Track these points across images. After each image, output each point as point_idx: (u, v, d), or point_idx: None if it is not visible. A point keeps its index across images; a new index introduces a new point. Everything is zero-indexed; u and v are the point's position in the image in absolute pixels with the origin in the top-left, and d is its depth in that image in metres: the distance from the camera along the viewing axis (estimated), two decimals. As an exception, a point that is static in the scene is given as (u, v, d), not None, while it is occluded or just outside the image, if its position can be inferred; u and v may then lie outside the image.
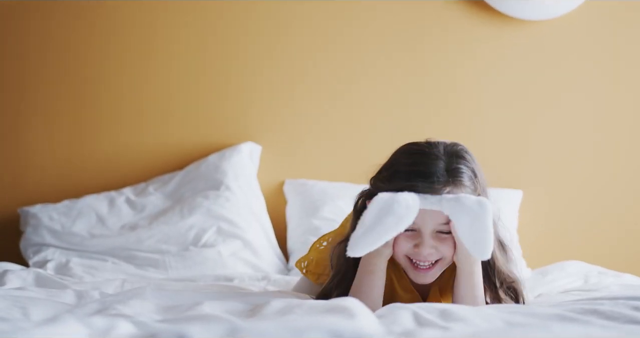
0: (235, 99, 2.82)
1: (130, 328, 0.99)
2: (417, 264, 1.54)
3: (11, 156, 2.80)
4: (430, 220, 1.51)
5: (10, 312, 1.29)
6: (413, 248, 1.53)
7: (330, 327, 0.91)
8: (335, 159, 2.83)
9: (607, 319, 1.20)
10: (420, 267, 1.54)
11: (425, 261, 1.54)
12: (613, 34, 2.83)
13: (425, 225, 1.52)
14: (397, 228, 1.47)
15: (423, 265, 1.54)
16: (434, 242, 1.52)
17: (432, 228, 1.52)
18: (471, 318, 1.19)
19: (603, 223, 2.83)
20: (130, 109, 2.82)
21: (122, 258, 2.46)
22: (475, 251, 1.47)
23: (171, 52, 2.82)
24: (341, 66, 2.82)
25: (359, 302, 1.23)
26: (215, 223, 2.54)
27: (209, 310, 1.29)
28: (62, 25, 2.80)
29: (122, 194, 2.67)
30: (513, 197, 2.76)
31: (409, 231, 1.53)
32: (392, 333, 1.09)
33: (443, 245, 1.53)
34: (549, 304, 1.44)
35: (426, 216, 1.51)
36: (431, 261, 1.54)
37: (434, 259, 1.54)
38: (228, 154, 2.72)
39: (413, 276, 1.56)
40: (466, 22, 2.81)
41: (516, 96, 2.84)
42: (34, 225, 2.55)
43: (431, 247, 1.52)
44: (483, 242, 1.46)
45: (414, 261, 1.54)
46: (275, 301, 1.36)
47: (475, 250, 1.46)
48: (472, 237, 1.46)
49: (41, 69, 2.80)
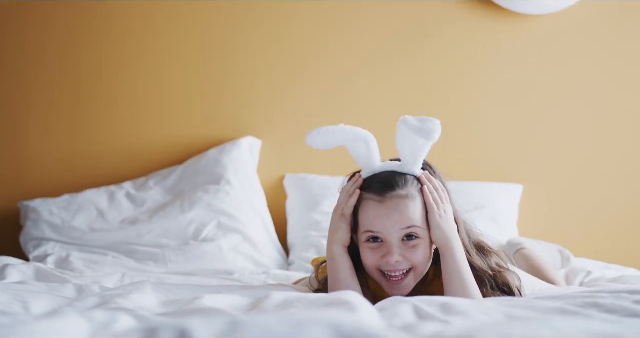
0: (235, 94, 2.81)
1: (131, 321, 0.99)
2: (389, 276, 1.54)
3: (11, 150, 2.79)
4: (392, 225, 1.51)
5: (11, 305, 1.29)
6: (381, 259, 1.53)
7: (331, 321, 0.91)
8: (336, 154, 2.81)
9: (607, 312, 1.20)
10: (393, 278, 1.54)
11: (396, 271, 1.53)
12: (614, 28, 2.83)
13: (388, 232, 1.52)
14: (351, 131, 1.55)
15: (395, 276, 1.53)
16: (401, 250, 1.52)
17: (396, 235, 1.52)
18: (471, 311, 1.19)
19: (603, 217, 2.83)
20: (130, 104, 2.81)
21: (122, 252, 2.46)
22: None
23: (171, 47, 2.81)
24: (341, 60, 2.82)
25: (360, 296, 1.23)
26: (215, 217, 2.54)
27: (209, 304, 1.29)
28: (62, 22, 2.80)
29: (122, 188, 2.67)
30: (513, 191, 2.76)
31: (375, 243, 1.54)
32: (392, 326, 1.09)
33: (411, 252, 1.53)
34: (549, 297, 1.44)
35: (388, 223, 1.52)
36: (402, 271, 1.53)
37: (404, 267, 1.53)
38: (228, 148, 2.72)
39: (387, 288, 1.55)
40: (466, 17, 2.81)
41: (517, 91, 2.83)
42: (34, 219, 2.55)
43: (399, 255, 1.52)
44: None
45: (386, 274, 1.54)
46: (275, 294, 1.36)
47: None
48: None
49: (40, 65, 2.80)
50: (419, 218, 1.53)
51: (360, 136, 1.57)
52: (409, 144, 1.54)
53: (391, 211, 1.52)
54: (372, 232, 1.54)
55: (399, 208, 1.52)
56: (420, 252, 1.53)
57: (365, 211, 1.55)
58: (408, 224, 1.52)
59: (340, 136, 1.58)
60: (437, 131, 1.48)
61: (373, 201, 1.54)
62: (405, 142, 1.55)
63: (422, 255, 1.54)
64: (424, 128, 1.48)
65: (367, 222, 1.54)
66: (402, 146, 1.56)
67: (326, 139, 1.58)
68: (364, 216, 1.55)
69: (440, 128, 1.47)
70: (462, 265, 1.53)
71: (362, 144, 1.58)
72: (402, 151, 1.57)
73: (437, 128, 1.48)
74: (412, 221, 1.52)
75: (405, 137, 1.53)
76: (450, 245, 1.53)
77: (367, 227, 1.54)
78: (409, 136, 1.52)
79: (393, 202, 1.53)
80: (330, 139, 1.58)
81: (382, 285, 1.56)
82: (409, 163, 1.57)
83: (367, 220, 1.54)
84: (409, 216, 1.52)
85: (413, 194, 1.54)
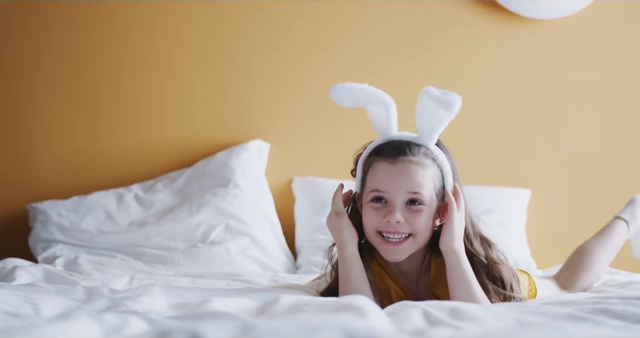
0: (244, 97, 2.82)
1: (142, 325, 0.99)
2: (387, 238, 1.54)
3: (20, 152, 2.80)
4: (399, 186, 1.52)
5: (21, 308, 1.29)
6: (383, 219, 1.53)
7: (343, 326, 0.91)
8: (344, 157, 2.81)
9: (618, 319, 1.20)
10: (391, 240, 1.54)
11: (395, 233, 1.53)
12: (623, 33, 2.82)
13: (394, 192, 1.53)
14: (374, 92, 1.57)
15: (393, 238, 1.53)
16: (404, 213, 1.53)
17: (401, 197, 1.53)
18: (482, 317, 1.18)
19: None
20: (138, 107, 2.82)
21: (130, 254, 2.46)
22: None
23: (179, 49, 2.82)
24: (350, 64, 2.82)
25: (369, 300, 1.23)
26: (223, 221, 2.54)
27: (218, 308, 1.29)
28: (68, 24, 2.80)
29: (130, 191, 2.67)
30: (522, 196, 2.76)
31: (379, 203, 1.54)
32: (403, 331, 1.09)
33: (414, 217, 1.53)
34: (559, 303, 1.44)
35: (395, 183, 1.53)
36: (402, 234, 1.53)
37: (404, 231, 1.53)
38: (236, 151, 2.72)
39: (384, 252, 1.55)
40: (476, 21, 2.81)
41: (525, 95, 2.83)
42: (43, 221, 2.55)
43: (401, 216, 1.52)
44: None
45: (385, 236, 1.54)
46: (285, 298, 1.36)
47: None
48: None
49: (47, 67, 2.80)
50: (426, 187, 1.54)
51: (383, 100, 1.59)
52: (428, 117, 1.56)
53: (401, 173, 1.54)
54: (378, 192, 1.54)
55: (409, 171, 1.53)
56: (423, 219, 1.53)
57: (374, 172, 1.57)
58: (415, 189, 1.53)
59: (364, 94, 1.58)
60: (458, 103, 1.49)
61: (384, 162, 1.56)
62: (424, 114, 1.56)
63: (425, 223, 1.54)
64: (445, 98, 1.50)
65: (375, 181, 1.56)
66: (420, 118, 1.58)
67: (350, 94, 1.59)
68: (372, 176, 1.57)
69: (461, 103, 1.49)
70: (468, 270, 1.53)
71: (383, 109, 1.60)
72: (420, 123, 1.58)
73: (459, 101, 1.50)
74: (420, 188, 1.53)
75: (426, 109, 1.55)
76: (455, 249, 1.53)
77: (374, 186, 1.55)
78: (430, 108, 1.54)
79: (404, 165, 1.54)
80: (353, 96, 1.59)
81: (380, 249, 1.56)
82: (425, 135, 1.58)
83: (375, 179, 1.56)
84: (417, 182, 1.53)
85: (425, 163, 1.55)
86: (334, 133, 2.83)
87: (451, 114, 1.52)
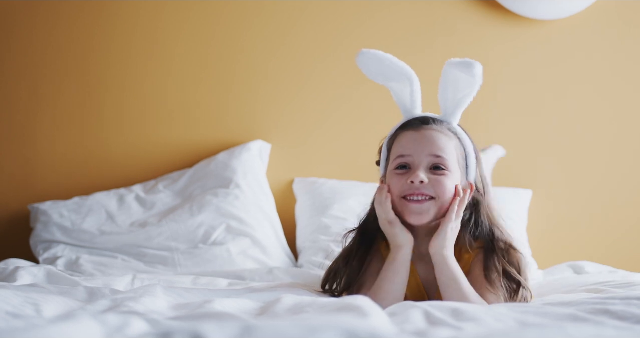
0: (245, 97, 2.82)
1: (144, 325, 0.99)
2: (410, 199, 1.56)
3: (22, 153, 2.80)
4: (422, 149, 1.56)
5: (23, 308, 1.29)
6: (407, 181, 1.56)
7: (345, 326, 0.91)
8: (345, 158, 2.83)
9: (619, 319, 1.20)
10: (414, 202, 1.55)
11: (419, 194, 1.55)
12: (624, 33, 2.82)
13: (418, 155, 1.56)
14: (399, 63, 1.62)
15: (417, 199, 1.55)
16: (428, 175, 1.55)
17: (425, 160, 1.56)
18: (483, 317, 1.18)
19: (613, 222, 2.82)
20: (140, 107, 2.82)
21: (131, 255, 2.46)
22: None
23: (182, 51, 2.82)
24: (351, 64, 2.80)
25: (370, 300, 1.23)
26: (224, 221, 2.55)
27: (220, 308, 1.29)
28: (71, 24, 2.81)
29: (131, 191, 2.68)
30: (523, 196, 2.76)
31: (403, 169, 1.57)
32: (404, 331, 1.09)
33: (437, 180, 1.55)
34: (560, 303, 1.44)
35: (419, 147, 1.56)
36: (425, 197, 1.55)
37: (428, 193, 1.55)
38: (237, 152, 2.72)
39: (407, 214, 1.56)
40: (476, 21, 2.81)
41: (526, 96, 2.83)
42: (44, 221, 2.55)
43: (425, 176, 1.54)
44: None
45: (408, 198, 1.56)
46: (286, 298, 1.37)
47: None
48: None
49: (49, 67, 2.81)
50: (449, 154, 1.57)
51: (407, 72, 1.63)
52: (451, 94, 1.60)
53: (424, 138, 1.58)
54: (402, 156, 1.58)
55: (432, 137, 1.58)
56: (446, 184, 1.56)
57: (399, 141, 1.61)
58: (438, 152, 1.56)
59: (388, 63, 1.62)
60: (480, 69, 1.52)
61: (409, 131, 1.60)
62: (447, 90, 1.60)
63: (447, 188, 1.56)
64: (467, 62, 1.53)
65: (399, 148, 1.59)
66: (444, 95, 1.61)
67: (375, 63, 1.64)
68: (397, 144, 1.61)
69: (481, 71, 1.53)
70: (457, 271, 1.55)
71: (407, 85, 1.63)
72: (443, 100, 1.62)
73: (480, 67, 1.53)
74: (443, 152, 1.56)
75: (449, 84, 1.59)
76: (444, 254, 1.55)
77: (398, 152, 1.59)
78: (452, 83, 1.57)
79: (428, 132, 1.59)
80: (378, 65, 1.63)
81: (404, 212, 1.57)
82: (448, 113, 1.63)
83: (400, 146, 1.60)
84: (440, 146, 1.57)
85: (448, 134, 1.59)
86: (335, 133, 2.83)
87: (473, 80, 1.54)
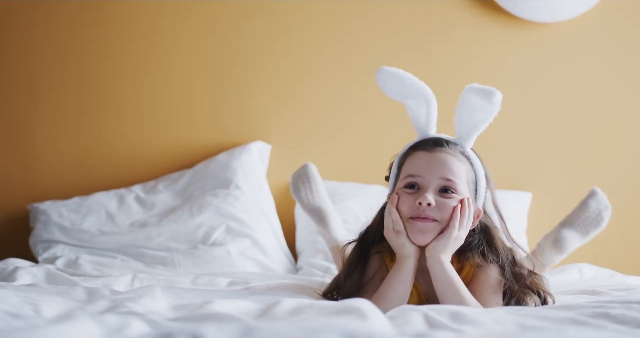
0: (245, 99, 2.82)
1: (143, 327, 0.99)
2: (417, 218, 1.56)
3: (21, 153, 2.80)
4: (434, 171, 1.56)
5: (22, 308, 1.29)
6: (414, 202, 1.56)
7: (344, 328, 0.91)
8: (345, 159, 2.83)
9: (619, 323, 1.20)
10: (420, 221, 1.55)
11: (425, 217, 1.55)
12: (625, 37, 2.82)
13: (429, 175, 1.56)
14: (418, 82, 1.62)
15: (422, 218, 1.55)
16: (435, 198, 1.55)
17: (435, 182, 1.56)
18: (483, 320, 1.18)
19: (612, 225, 2.81)
20: (139, 108, 2.82)
21: (131, 255, 2.46)
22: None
23: (181, 51, 2.82)
24: (350, 65, 2.82)
25: (370, 303, 1.23)
26: (224, 222, 2.54)
27: (220, 309, 1.29)
28: (69, 23, 2.81)
29: (131, 191, 2.68)
30: (522, 199, 2.76)
31: (412, 189, 1.57)
32: (404, 334, 1.09)
33: (444, 204, 1.55)
34: (560, 307, 1.44)
35: (430, 169, 1.56)
36: (431, 218, 1.55)
37: (434, 216, 1.55)
38: (238, 153, 2.72)
39: (413, 234, 1.56)
40: (476, 24, 2.81)
41: (526, 98, 2.83)
42: (44, 221, 2.55)
43: (432, 199, 1.54)
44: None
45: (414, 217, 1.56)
46: (286, 301, 1.36)
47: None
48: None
49: (47, 67, 2.81)
50: (460, 178, 1.57)
51: (426, 92, 1.62)
52: (467, 118, 1.60)
53: (437, 160, 1.57)
54: (412, 176, 1.58)
55: (444, 160, 1.57)
56: (449, 211, 1.55)
57: (411, 161, 1.61)
58: (449, 176, 1.56)
59: (408, 82, 1.62)
60: (500, 97, 1.54)
61: (421, 151, 1.60)
62: (463, 115, 1.60)
63: (449, 214, 1.56)
64: (487, 89, 1.54)
65: (411, 167, 1.59)
66: (459, 119, 1.61)
67: (395, 82, 1.63)
68: (409, 163, 1.61)
69: (501, 96, 1.54)
70: (453, 276, 1.55)
71: (424, 105, 1.63)
72: (459, 123, 1.62)
73: (500, 96, 1.55)
74: (454, 176, 1.56)
75: (465, 110, 1.59)
76: (440, 258, 1.55)
77: (409, 172, 1.59)
78: (469, 107, 1.57)
79: (441, 154, 1.58)
80: (398, 84, 1.63)
81: (409, 230, 1.57)
82: (463, 137, 1.62)
83: (411, 165, 1.60)
84: (452, 170, 1.56)
85: (461, 159, 1.59)
86: (335, 135, 2.83)
87: (492, 108, 1.55)
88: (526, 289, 1.60)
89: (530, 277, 1.63)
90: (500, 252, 1.62)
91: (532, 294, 1.60)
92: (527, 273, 1.63)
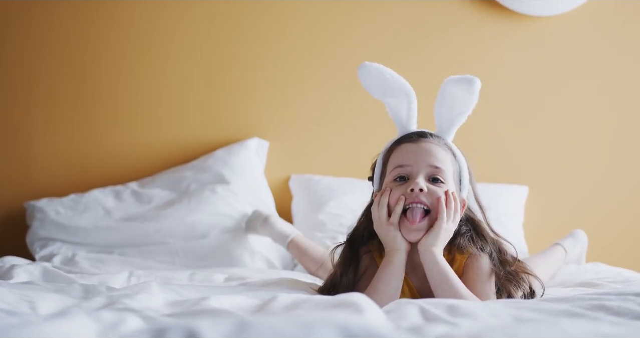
0: (243, 95, 2.82)
1: (139, 322, 0.99)
2: (408, 207, 1.57)
3: (18, 150, 2.80)
4: (421, 159, 1.57)
5: (18, 306, 1.29)
6: (407, 191, 1.56)
7: (340, 322, 0.91)
8: (341, 155, 2.83)
9: (615, 315, 1.20)
10: (411, 220, 1.55)
11: (418, 203, 1.55)
12: (620, 30, 2.82)
13: (417, 165, 1.57)
14: (399, 79, 1.63)
15: (413, 218, 1.55)
16: (426, 184, 1.56)
17: (424, 170, 1.57)
18: (478, 313, 1.18)
19: (609, 219, 2.82)
20: (137, 106, 2.82)
21: (128, 251, 2.46)
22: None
23: (178, 48, 2.82)
24: (347, 61, 2.82)
25: (366, 297, 1.23)
26: (222, 218, 2.54)
27: (216, 305, 1.29)
28: (66, 22, 2.80)
29: (128, 188, 2.67)
30: (519, 193, 2.76)
31: (402, 181, 1.58)
32: (400, 328, 1.09)
33: (434, 193, 1.56)
34: (556, 299, 1.44)
35: (418, 158, 1.57)
36: (422, 207, 1.56)
37: (426, 201, 1.56)
38: (235, 149, 2.72)
39: (405, 230, 1.57)
40: (472, 18, 2.81)
41: (522, 92, 2.83)
42: (41, 218, 2.55)
43: (424, 185, 1.56)
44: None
45: (407, 207, 1.57)
46: (282, 296, 1.36)
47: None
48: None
49: (44, 66, 2.80)
50: (447, 166, 1.59)
51: (406, 88, 1.63)
52: (447, 111, 1.61)
53: (422, 150, 1.59)
54: (401, 167, 1.59)
55: (430, 149, 1.59)
56: (439, 199, 1.56)
57: (397, 152, 1.62)
58: (436, 164, 1.58)
59: (390, 77, 1.63)
60: (479, 85, 1.56)
61: (406, 143, 1.61)
62: (443, 108, 1.61)
63: (437, 203, 1.56)
64: (466, 78, 1.57)
65: (398, 158, 1.60)
66: (439, 112, 1.63)
67: (375, 77, 1.64)
68: (395, 155, 1.61)
69: (479, 88, 1.56)
70: (447, 268, 1.56)
71: (404, 102, 1.63)
72: (439, 116, 1.63)
73: (479, 84, 1.56)
74: (441, 164, 1.58)
75: (445, 103, 1.60)
76: (433, 251, 1.56)
77: (397, 162, 1.60)
78: (449, 101, 1.59)
79: (426, 144, 1.60)
80: (379, 79, 1.63)
81: (401, 226, 1.58)
82: (444, 130, 1.64)
83: (399, 156, 1.60)
84: (439, 158, 1.58)
85: (445, 149, 1.61)
86: (332, 130, 2.83)
87: (471, 97, 1.56)
88: (514, 275, 1.61)
89: (515, 263, 1.64)
90: (487, 239, 1.63)
91: (520, 280, 1.61)
92: (511, 260, 1.63)
